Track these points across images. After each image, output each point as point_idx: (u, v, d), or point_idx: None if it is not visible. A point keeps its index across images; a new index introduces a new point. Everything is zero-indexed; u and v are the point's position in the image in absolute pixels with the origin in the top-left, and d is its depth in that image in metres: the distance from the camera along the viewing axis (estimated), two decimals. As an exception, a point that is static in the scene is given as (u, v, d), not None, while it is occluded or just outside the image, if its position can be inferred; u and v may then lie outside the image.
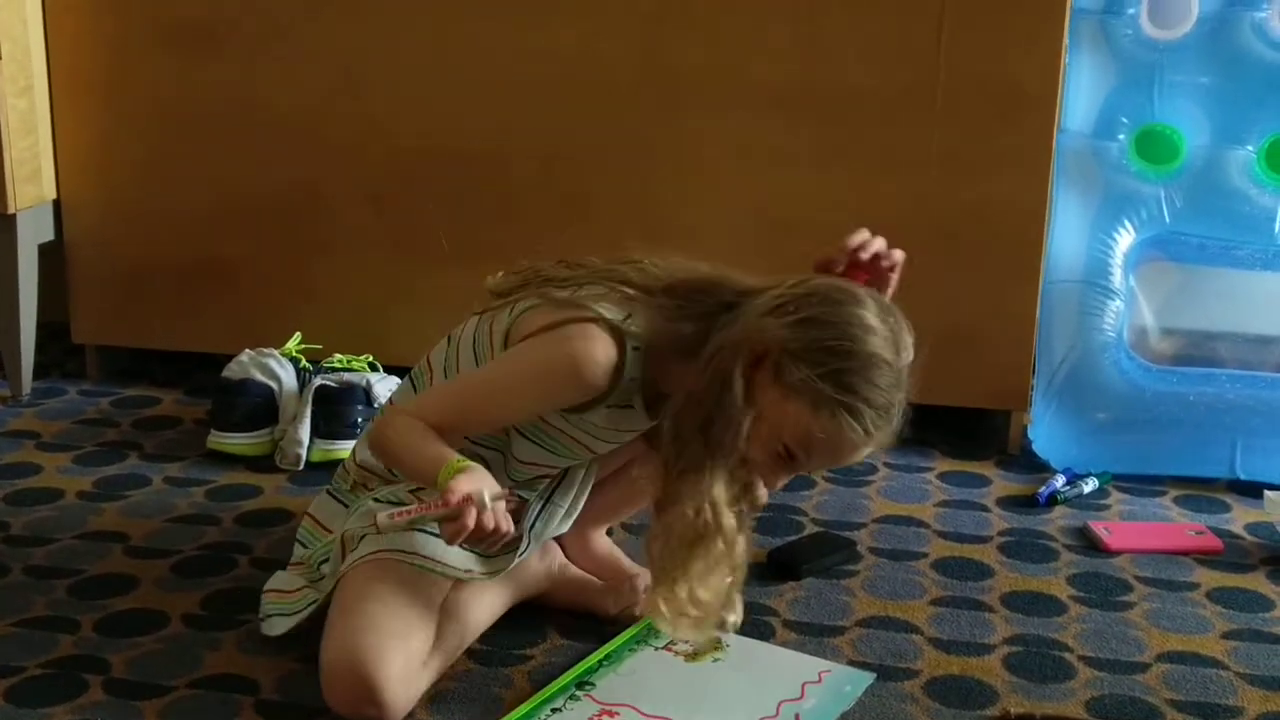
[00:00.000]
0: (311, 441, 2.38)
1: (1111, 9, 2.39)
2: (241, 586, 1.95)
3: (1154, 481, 2.40)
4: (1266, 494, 2.24)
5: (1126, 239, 2.42)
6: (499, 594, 1.84)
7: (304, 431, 2.38)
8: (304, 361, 2.50)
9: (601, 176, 2.50)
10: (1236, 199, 2.40)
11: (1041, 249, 2.43)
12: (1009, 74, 2.35)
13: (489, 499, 1.54)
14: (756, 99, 2.42)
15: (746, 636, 1.84)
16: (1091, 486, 2.35)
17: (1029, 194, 2.39)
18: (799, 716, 1.68)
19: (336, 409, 2.38)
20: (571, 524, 1.90)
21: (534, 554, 1.88)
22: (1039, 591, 2.02)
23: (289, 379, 2.46)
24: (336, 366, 2.47)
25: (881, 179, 2.41)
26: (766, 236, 2.42)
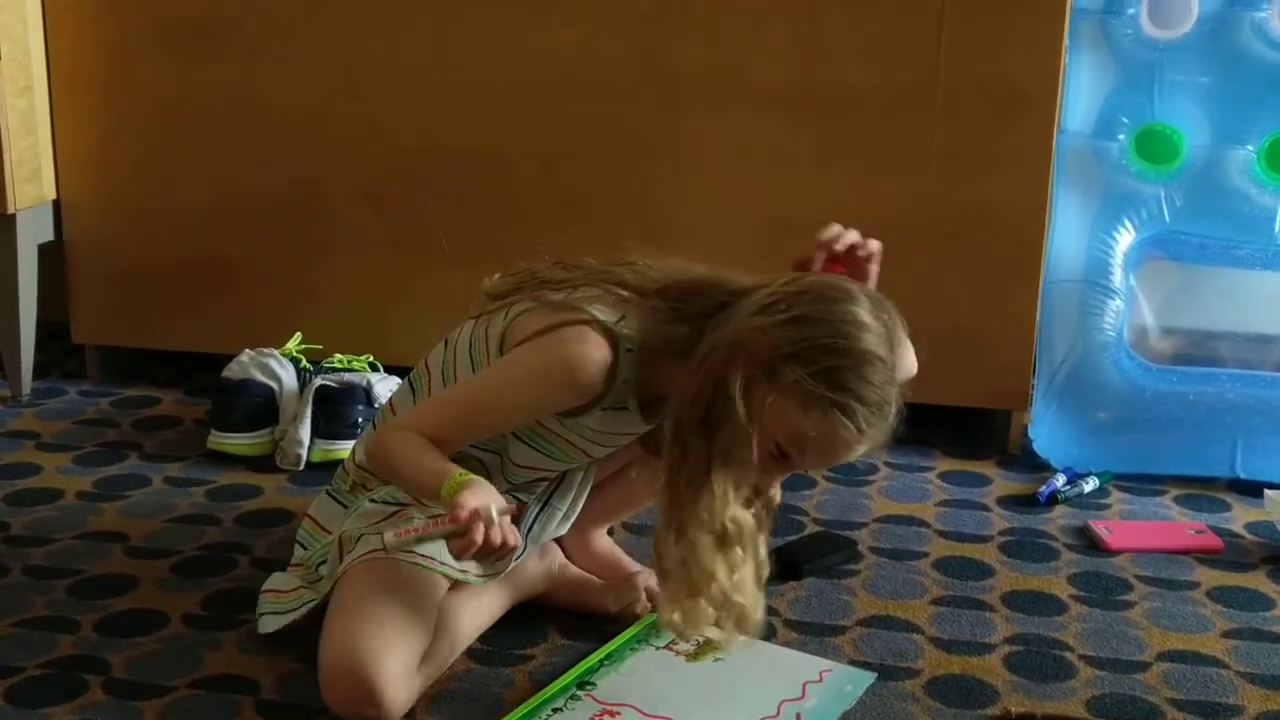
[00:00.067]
0: (312, 442, 2.38)
1: (1111, 9, 2.39)
2: (241, 587, 1.95)
3: (1154, 481, 2.40)
4: (1267, 493, 2.24)
5: (1126, 239, 2.42)
6: (497, 596, 1.84)
7: (304, 432, 2.37)
8: (304, 361, 2.50)
9: (601, 176, 2.49)
10: (1236, 199, 2.40)
11: (1042, 249, 2.42)
12: (1009, 74, 2.35)
13: (496, 514, 1.54)
14: (756, 99, 2.42)
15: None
16: (1092, 486, 2.35)
17: (1029, 194, 2.39)
18: (800, 716, 1.68)
19: (337, 409, 2.38)
20: (570, 526, 1.91)
21: (533, 555, 1.89)
22: (1039, 591, 2.02)
23: (289, 379, 2.46)
24: (337, 366, 2.47)
25: (881, 179, 2.41)
26: (766, 236, 2.41)
